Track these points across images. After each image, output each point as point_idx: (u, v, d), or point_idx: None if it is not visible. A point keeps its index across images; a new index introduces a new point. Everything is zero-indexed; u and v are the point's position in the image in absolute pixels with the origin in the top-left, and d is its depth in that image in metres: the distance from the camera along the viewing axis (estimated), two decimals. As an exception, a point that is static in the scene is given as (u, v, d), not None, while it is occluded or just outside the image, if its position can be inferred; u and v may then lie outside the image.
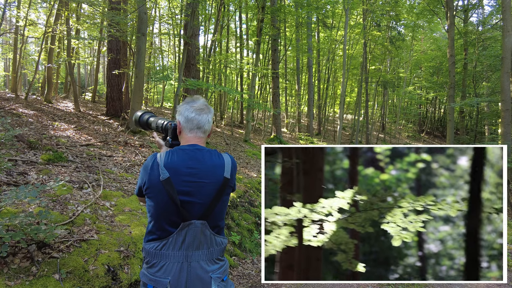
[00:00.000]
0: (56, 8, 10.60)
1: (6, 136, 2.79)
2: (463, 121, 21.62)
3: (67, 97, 14.25)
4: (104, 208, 3.40)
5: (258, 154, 9.95)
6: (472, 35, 17.89)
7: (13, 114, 6.91)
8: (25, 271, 2.20)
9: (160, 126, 1.71)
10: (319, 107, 22.73)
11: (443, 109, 30.07)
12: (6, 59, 24.80)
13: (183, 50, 10.48)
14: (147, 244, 1.42)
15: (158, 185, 1.36)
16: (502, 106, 9.76)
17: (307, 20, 17.45)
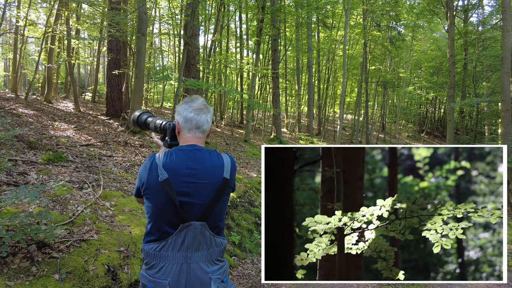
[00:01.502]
0: (56, 8, 10.59)
1: (6, 136, 2.79)
2: (463, 121, 21.62)
3: (67, 97, 14.25)
4: (104, 208, 3.40)
5: (258, 154, 9.95)
6: (472, 35, 17.88)
7: (13, 114, 6.91)
8: (25, 271, 2.20)
9: (159, 127, 1.70)
10: (319, 107, 22.73)
11: (443, 109, 30.07)
12: (6, 59, 24.80)
13: (183, 50, 10.48)
14: (146, 245, 1.42)
15: (157, 186, 1.35)
16: (502, 106, 9.76)
17: (307, 20, 17.44)
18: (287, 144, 14.71)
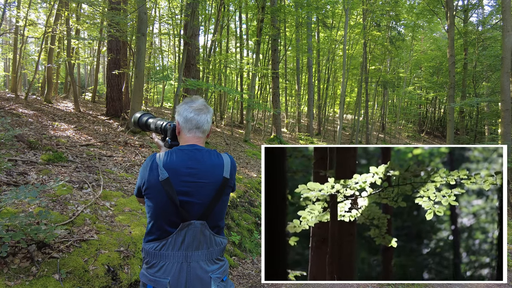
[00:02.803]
0: (56, 8, 10.59)
1: (6, 136, 2.79)
2: (463, 121, 21.62)
3: (67, 97, 14.25)
4: (104, 208, 3.40)
5: (258, 154, 9.95)
6: (472, 35, 17.88)
7: (13, 114, 6.91)
8: (25, 271, 2.21)
9: (159, 127, 1.71)
10: (319, 107, 22.73)
11: (443, 109, 30.07)
12: (6, 59, 24.80)
13: (183, 50, 10.47)
14: (147, 244, 1.42)
15: (157, 185, 1.36)
16: (502, 106, 9.76)
17: (307, 20, 17.44)
18: (287, 144, 14.71)
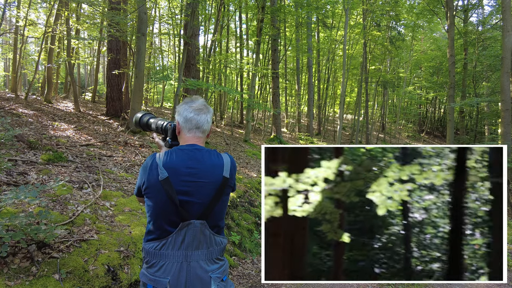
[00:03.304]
0: (56, 8, 10.59)
1: (6, 136, 2.79)
2: (463, 121, 21.61)
3: (67, 97, 14.25)
4: (104, 208, 3.40)
5: (258, 154, 9.95)
6: (472, 35, 17.88)
7: (13, 114, 6.91)
8: (25, 271, 2.21)
9: (160, 127, 1.72)
10: (319, 107, 22.73)
11: (443, 109, 30.07)
12: (6, 59, 24.80)
13: (183, 50, 10.47)
14: (147, 244, 1.42)
15: (157, 185, 1.36)
16: (502, 106, 9.76)
17: (307, 20, 17.44)
18: (287, 144, 14.71)
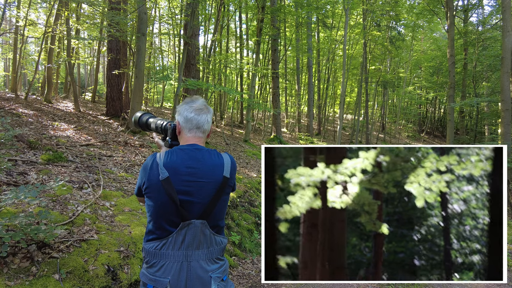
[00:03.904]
0: (56, 8, 10.59)
1: (6, 136, 2.79)
2: (463, 121, 21.61)
3: (67, 97, 14.25)
4: (104, 208, 3.40)
5: (258, 154, 9.95)
6: (472, 35, 17.88)
7: (13, 114, 6.91)
8: (25, 271, 2.20)
9: (160, 127, 1.71)
10: (319, 107, 22.73)
11: (443, 109, 30.07)
12: (6, 59, 24.79)
13: (183, 50, 10.47)
14: (147, 244, 1.42)
15: (158, 184, 1.36)
16: (502, 106, 9.76)
17: (307, 20, 17.44)
18: (287, 144, 14.71)
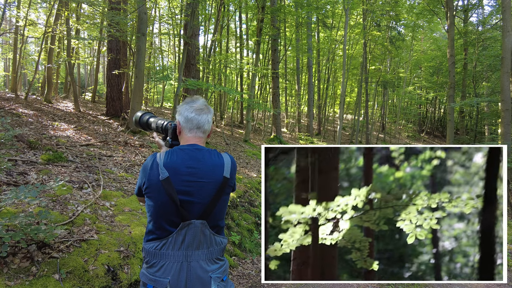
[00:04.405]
0: (56, 8, 10.59)
1: (6, 136, 2.79)
2: (463, 121, 21.62)
3: (67, 97, 14.25)
4: (104, 208, 3.40)
5: (258, 154, 9.95)
6: (472, 35, 17.88)
7: (13, 114, 6.91)
8: (25, 271, 2.20)
9: (160, 127, 1.71)
10: (319, 107, 22.73)
11: (443, 109, 30.07)
12: (6, 59, 24.79)
13: (183, 50, 10.47)
14: (147, 244, 1.42)
15: (158, 184, 1.36)
16: (502, 106, 9.76)
17: (307, 20, 17.45)
18: (287, 144, 14.71)
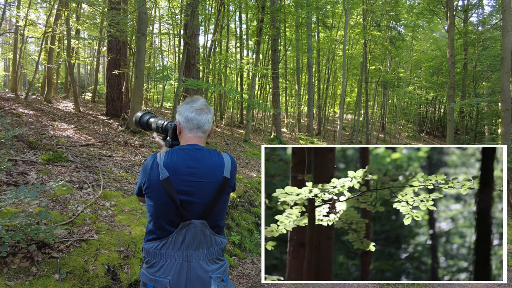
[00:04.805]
0: (56, 8, 10.59)
1: (6, 136, 2.79)
2: (463, 121, 21.62)
3: (67, 97, 14.24)
4: (104, 208, 3.40)
5: (258, 154, 9.95)
6: (472, 35, 17.88)
7: (13, 114, 6.91)
8: (25, 271, 2.20)
9: (160, 127, 1.71)
10: (319, 107, 22.73)
11: (443, 109, 30.06)
12: (6, 59, 24.79)
13: (183, 50, 10.47)
14: (147, 244, 1.42)
15: (158, 184, 1.36)
16: (502, 106, 9.75)
17: (307, 20, 17.44)
18: (287, 144, 14.71)
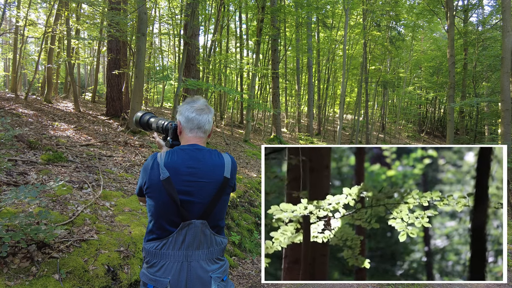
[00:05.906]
0: (56, 8, 10.60)
1: (6, 136, 2.79)
2: (463, 121, 21.62)
3: (67, 97, 14.24)
4: (104, 208, 3.40)
5: (258, 154, 9.95)
6: (472, 35, 17.89)
7: (13, 114, 6.91)
8: (25, 271, 2.20)
9: (161, 127, 1.71)
10: (319, 107, 22.73)
11: (443, 109, 30.07)
12: (6, 59, 24.78)
13: (183, 50, 10.47)
14: (147, 243, 1.42)
15: (158, 184, 1.36)
16: (502, 106, 9.76)
17: (307, 20, 17.44)
18: (287, 144, 14.71)
